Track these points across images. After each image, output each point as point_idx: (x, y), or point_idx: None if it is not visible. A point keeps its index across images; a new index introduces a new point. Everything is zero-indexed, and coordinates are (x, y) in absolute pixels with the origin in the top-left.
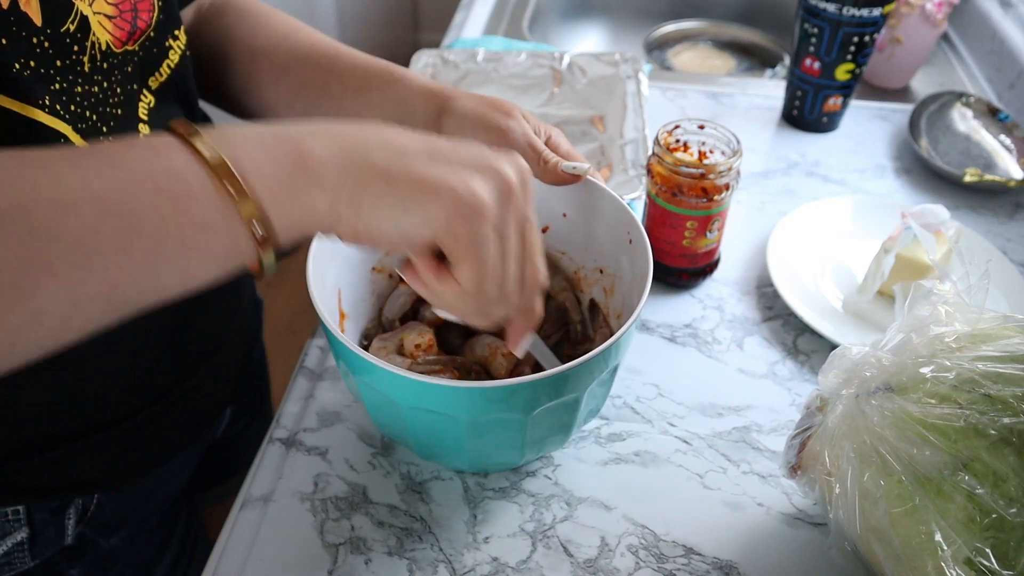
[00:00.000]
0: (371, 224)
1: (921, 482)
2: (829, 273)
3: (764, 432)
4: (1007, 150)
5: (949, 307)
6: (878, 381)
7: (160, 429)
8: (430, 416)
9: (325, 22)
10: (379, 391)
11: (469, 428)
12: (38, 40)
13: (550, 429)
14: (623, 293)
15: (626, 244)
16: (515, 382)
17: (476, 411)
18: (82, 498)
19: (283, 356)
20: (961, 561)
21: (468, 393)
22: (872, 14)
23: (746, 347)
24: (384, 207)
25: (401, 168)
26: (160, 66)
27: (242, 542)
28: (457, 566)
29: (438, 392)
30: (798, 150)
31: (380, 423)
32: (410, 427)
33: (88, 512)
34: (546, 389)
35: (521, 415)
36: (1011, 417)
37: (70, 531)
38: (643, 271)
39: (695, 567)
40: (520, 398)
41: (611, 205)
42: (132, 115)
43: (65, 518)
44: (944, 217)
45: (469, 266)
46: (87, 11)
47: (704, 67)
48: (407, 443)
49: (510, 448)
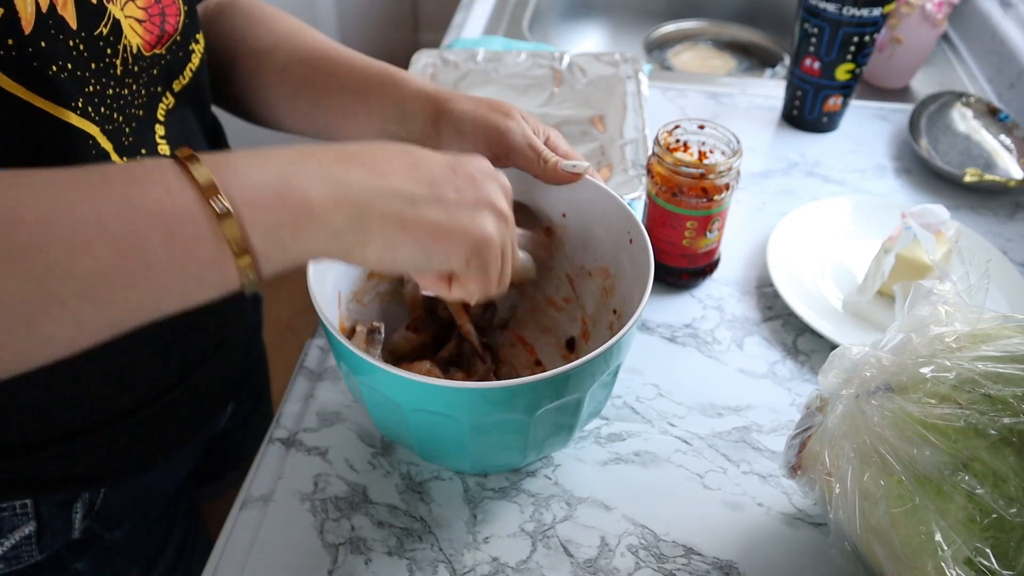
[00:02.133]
0: (383, 261)
1: (921, 482)
2: (829, 273)
3: (764, 432)
4: (1007, 150)
5: (949, 307)
6: (878, 381)
7: (165, 424)
8: (432, 417)
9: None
10: (381, 393)
11: (471, 429)
12: (74, 43)
13: (552, 430)
14: (623, 293)
15: (627, 244)
16: (517, 383)
17: (478, 412)
18: (89, 492)
19: (283, 356)
20: (961, 561)
21: (470, 394)
22: (872, 14)
23: (746, 347)
24: (399, 248)
25: (414, 218)
26: (184, 69)
27: (242, 542)
28: (457, 566)
29: (440, 393)
30: (798, 150)
31: (382, 425)
32: (412, 429)
33: (95, 506)
34: (548, 390)
35: (524, 416)
36: (1011, 417)
37: (77, 524)
38: (644, 271)
39: (695, 567)
40: (522, 399)
41: (611, 205)
42: (152, 116)
43: (72, 512)
44: (944, 217)
45: (478, 284)
46: (119, 15)
47: (704, 67)
48: (409, 445)
49: (512, 449)
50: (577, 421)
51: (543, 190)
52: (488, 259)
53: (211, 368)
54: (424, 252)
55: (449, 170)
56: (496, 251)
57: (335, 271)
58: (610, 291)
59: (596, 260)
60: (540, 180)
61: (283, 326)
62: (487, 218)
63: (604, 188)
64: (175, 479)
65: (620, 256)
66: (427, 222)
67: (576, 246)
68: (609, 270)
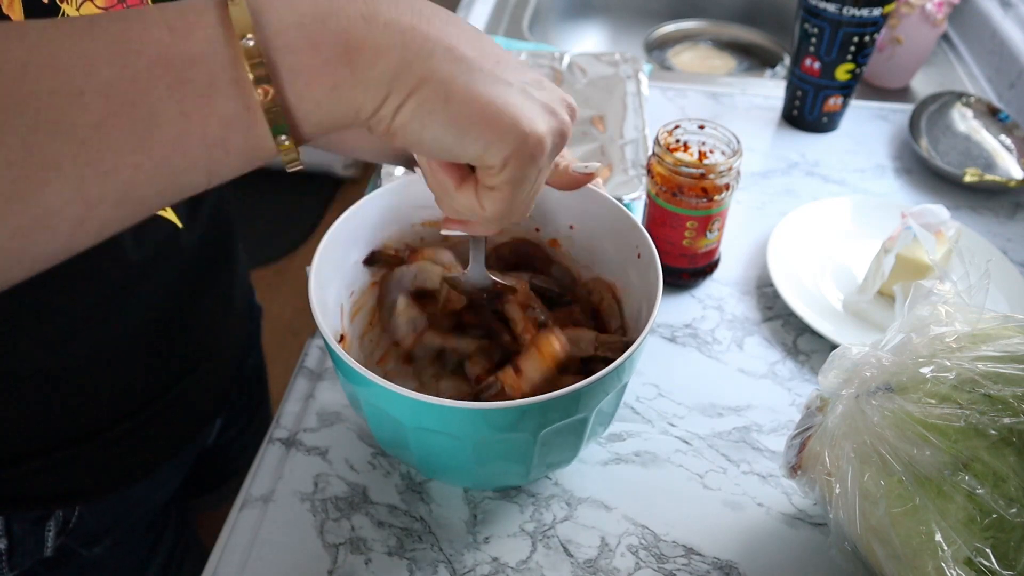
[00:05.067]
0: (410, 131)
1: (921, 482)
2: (829, 273)
3: (764, 432)
4: (1007, 150)
5: (949, 307)
6: (878, 381)
7: (143, 440)
8: (435, 436)
9: None
10: (382, 409)
11: (475, 448)
12: None
13: (558, 448)
14: (631, 308)
15: (634, 259)
16: (524, 403)
17: (482, 432)
18: (62, 510)
19: (283, 356)
20: (961, 561)
21: (473, 414)
22: (872, 14)
23: (746, 347)
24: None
25: (465, 88)
26: None
27: (242, 542)
28: (457, 566)
29: (443, 413)
30: (798, 150)
31: (383, 440)
32: (413, 446)
33: (69, 524)
34: (555, 409)
35: (529, 436)
36: (1011, 417)
37: (49, 543)
38: (652, 287)
39: (695, 567)
40: (528, 419)
41: (619, 218)
42: None
43: (45, 529)
44: (944, 217)
45: (502, 198)
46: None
47: (704, 67)
48: (410, 461)
49: (516, 468)
50: (583, 439)
51: (551, 201)
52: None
53: (197, 380)
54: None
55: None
56: (543, 159)
57: (336, 285)
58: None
59: (604, 273)
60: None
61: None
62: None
63: (612, 201)
64: (161, 495)
65: (628, 270)
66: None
67: (583, 259)
68: (618, 284)
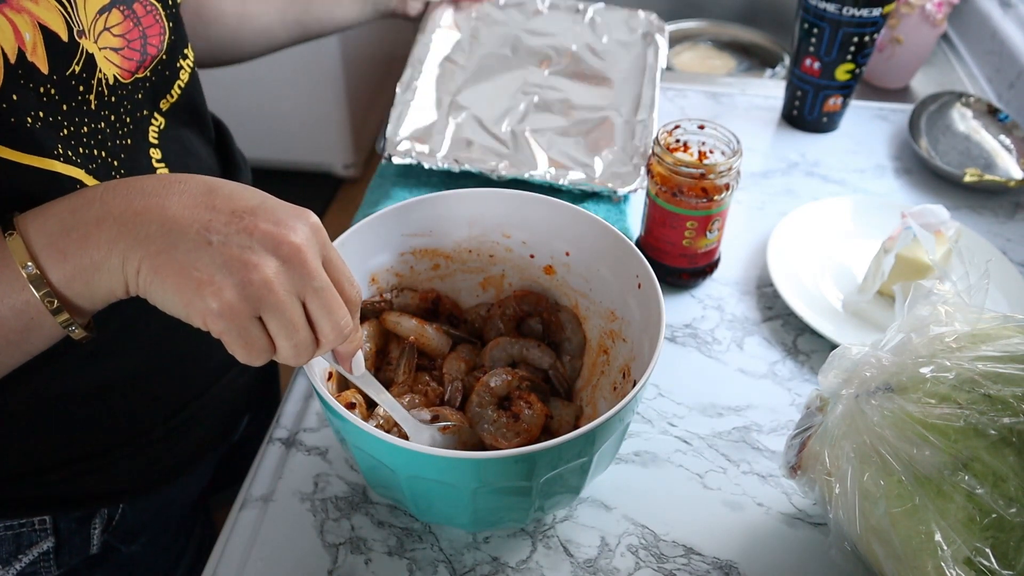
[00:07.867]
0: (154, 298)
1: (921, 482)
2: (829, 273)
3: (764, 432)
4: (1007, 150)
5: (949, 307)
6: (878, 381)
7: (183, 438)
8: (431, 484)
9: None
10: (375, 459)
11: (473, 496)
12: (45, 89)
13: (558, 492)
14: (632, 341)
15: (635, 288)
16: (525, 451)
17: (480, 480)
18: (108, 507)
19: None
20: (961, 561)
21: (472, 464)
22: (872, 14)
23: (746, 347)
24: (157, 292)
25: (166, 262)
26: (172, 88)
27: (242, 542)
28: (457, 566)
29: (440, 463)
30: (798, 150)
31: (375, 486)
32: (408, 494)
33: (113, 521)
34: (555, 456)
35: (528, 482)
36: (1011, 417)
37: (95, 540)
38: (655, 324)
39: (695, 567)
40: (527, 467)
41: (617, 244)
42: (142, 142)
43: (91, 527)
44: (944, 217)
45: (241, 351)
46: (92, 48)
47: (704, 67)
48: (405, 506)
49: (515, 513)
50: (584, 482)
51: (546, 225)
52: (225, 321)
53: (230, 380)
54: (172, 296)
55: (248, 208)
56: (240, 317)
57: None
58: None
59: (603, 302)
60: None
61: None
62: (232, 281)
63: (610, 227)
64: (194, 491)
65: (628, 299)
66: (172, 267)
67: (581, 288)
68: (617, 313)
